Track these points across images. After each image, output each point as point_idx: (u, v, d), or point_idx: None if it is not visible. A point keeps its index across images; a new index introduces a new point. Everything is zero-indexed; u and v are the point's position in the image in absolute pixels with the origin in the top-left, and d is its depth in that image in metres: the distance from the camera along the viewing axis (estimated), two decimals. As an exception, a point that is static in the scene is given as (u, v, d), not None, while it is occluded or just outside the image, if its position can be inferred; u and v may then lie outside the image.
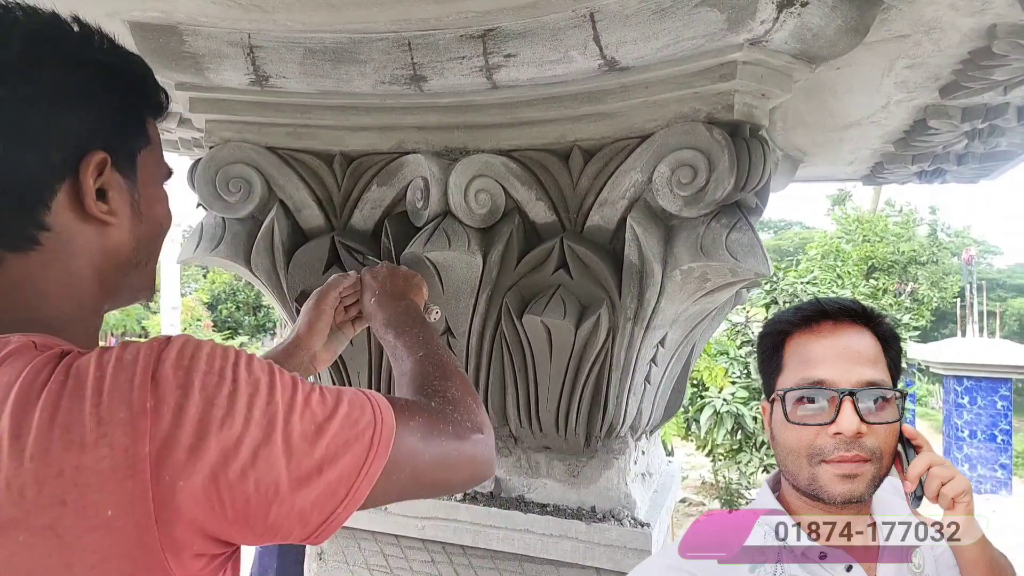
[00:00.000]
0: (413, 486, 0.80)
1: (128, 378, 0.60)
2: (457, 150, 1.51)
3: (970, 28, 1.26)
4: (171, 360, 0.62)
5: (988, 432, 10.73)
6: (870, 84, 1.57)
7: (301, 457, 0.66)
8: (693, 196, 1.30)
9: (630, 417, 1.59)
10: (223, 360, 0.65)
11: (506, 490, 1.68)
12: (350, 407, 0.72)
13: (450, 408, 0.90)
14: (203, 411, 0.61)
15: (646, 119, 1.35)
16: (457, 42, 1.33)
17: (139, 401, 0.60)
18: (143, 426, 0.59)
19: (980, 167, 2.16)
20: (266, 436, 0.64)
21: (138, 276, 0.83)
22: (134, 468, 0.58)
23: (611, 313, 1.43)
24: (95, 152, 0.72)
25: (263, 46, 1.40)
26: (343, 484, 0.69)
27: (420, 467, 0.80)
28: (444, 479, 0.86)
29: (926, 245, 18.65)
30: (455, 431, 0.86)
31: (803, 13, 1.12)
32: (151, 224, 0.82)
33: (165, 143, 2.40)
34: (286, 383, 0.69)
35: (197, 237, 1.64)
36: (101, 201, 0.74)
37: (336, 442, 0.69)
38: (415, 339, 1.12)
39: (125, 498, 0.58)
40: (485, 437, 0.92)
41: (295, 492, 0.65)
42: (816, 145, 2.18)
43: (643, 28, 1.19)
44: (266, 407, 0.65)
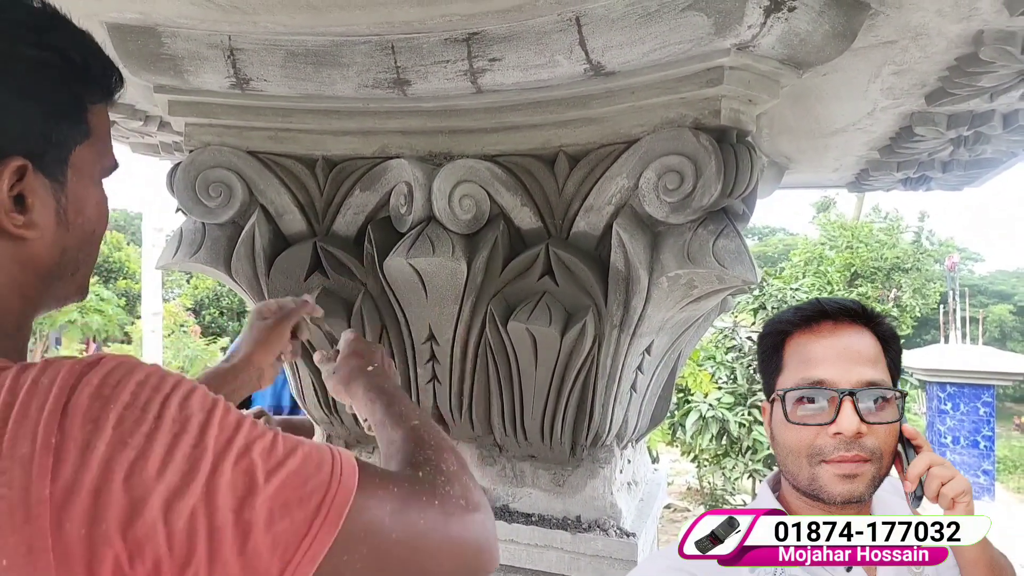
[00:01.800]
0: (373, 569, 0.64)
1: (39, 406, 0.54)
2: (441, 155, 1.49)
3: (957, 34, 1.25)
4: (91, 388, 0.55)
5: (971, 438, 10.80)
6: (856, 90, 1.57)
7: (225, 513, 0.56)
8: (680, 202, 1.28)
9: (616, 426, 1.58)
10: (153, 392, 0.57)
11: (490, 499, 1.65)
12: (303, 462, 0.61)
13: (442, 479, 0.74)
14: (112, 451, 0.53)
15: (632, 124, 1.33)
16: (441, 46, 1.31)
17: (44, 435, 0.53)
18: (45, 464, 0.52)
19: (965, 174, 2.17)
20: (183, 484, 0.55)
21: (64, 286, 0.75)
22: (31, 512, 0.51)
23: (597, 320, 1.41)
24: (11, 159, 0.64)
25: (244, 48, 1.38)
26: (277, 556, 0.57)
27: (385, 548, 0.65)
28: (420, 567, 0.68)
29: (910, 252, 18.82)
30: (442, 506, 0.70)
31: (790, 18, 1.11)
32: (79, 232, 0.73)
33: (146, 147, 2.37)
34: (227, 424, 0.59)
35: (176, 242, 1.61)
36: (17, 213, 0.65)
37: (274, 502, 0.58)
38: (405, 408, 0.98)
39: (22, 547, 0.51)
40: (483, 518, 0.75)
41: (214, 557, 0.55)
42: (802, 152, 2.18)
43: (629, 32, 1.17)
44: (191, 450, 0.56)
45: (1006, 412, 20.98)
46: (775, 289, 11.07)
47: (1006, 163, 2.04)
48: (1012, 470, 16.15)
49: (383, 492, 0.67)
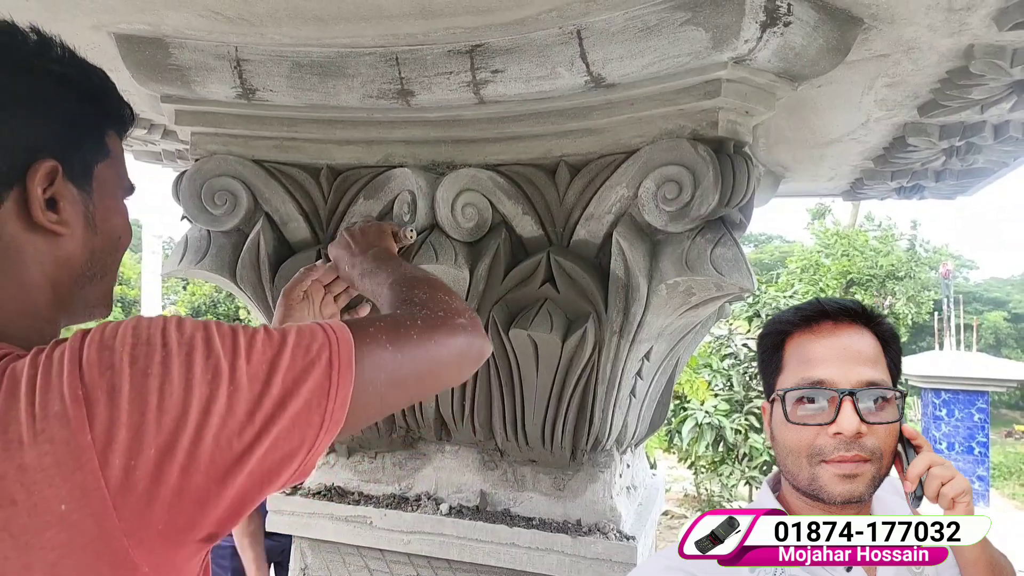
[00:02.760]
0: (399, 393, 0.79)
1: (58, 372, 0.59)
2: (444, 164, 1.51)
3: (948, 48, 1.28)
4: (95, 344, 0.61)
5: (966, 444, 10.84)
6: (851, 102, 1.60)
7: (258, 398, 0.64)
8: (678, 211, 1.31)
9: (616, 430, 1.60)
10: (150, 328, 0.63)
11: (492, 504, 1.68)
12: (298, 336, 0.70)
13: (417, 308, 0.89)
14: (139, 384, 0.60)
15: (632, 135, 1.36)
16: (445, 57, 1.34)
17: (71, 391, 0.58)
18: (80, 415, 0.57)
19: (957, 183, 2.20)
20: (213, 390, 0.62)
21: (93, 289, 0.80)
22: (80, 459, 0.57)
23: (597, 327, 1.44)
24: (44, 160, 0.70)
25: (250, 59, 1.40)
26: (315, 411, 0.67)
27: (398, 373, 0.77)
28: (435, 376, 0.85)
29: (904, 260, 18.89)
30: (424, 325, 0.84)
31: (786, 33, 1.14)
32: (106, 237, 0.80)
33: (148, 155, 2.40)
34: (224, 332, 0.67)
35: (182, 250, 1.63)
36: (51, 211, 0.72)
37: (292, 372, 0.67)
38: (386, 274, 1.10)
39: (76, 490, 0.57)
40: (466, 322, 0.90)
41: (262, 436, 0.63)
42: (797, 161, 2.21)
43: (629, 46, 1.20)
44: (206, 361, 0.63)
45: (1000, 418, 21.05)
46: (770, 297, 11.11)
47: (997, 172, 2.07)
48: (1007, 476, 16.19)
49: (374, 331, 0.78)
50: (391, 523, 1.67)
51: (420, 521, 1.65)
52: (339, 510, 1.72)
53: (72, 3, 1.27)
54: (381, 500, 1.73)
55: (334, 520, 1.72)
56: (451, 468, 1.74)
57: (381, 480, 1.78)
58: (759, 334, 1.17)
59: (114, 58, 1.45)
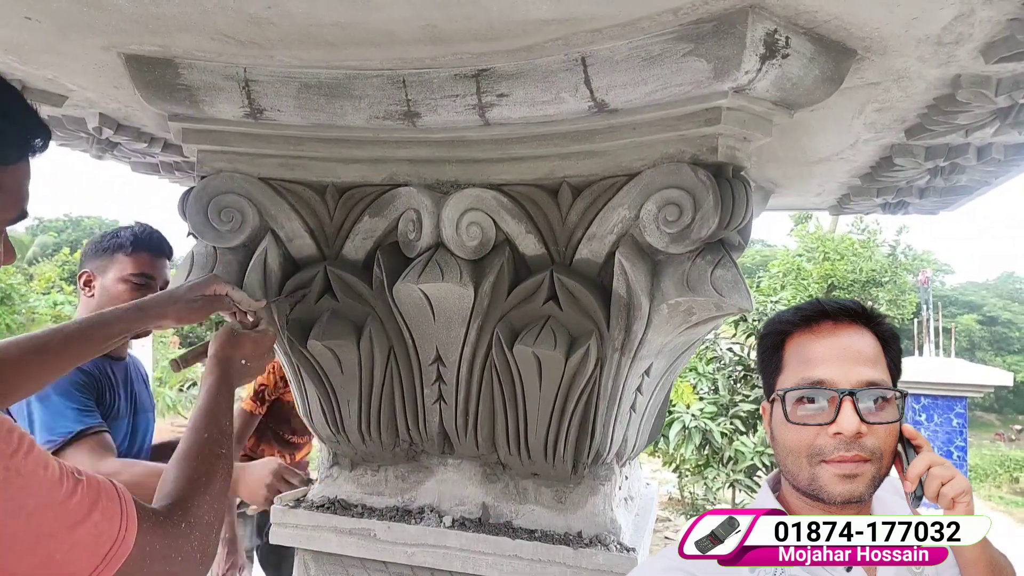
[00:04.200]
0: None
1: None
2: (449, 183, 1.54)
3: (936, 77, 1.34)
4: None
5: (945, 449, 10.97)
6: (841, 124, 1.65)
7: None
8: (679, 233, 1.35)
9: (616, 444, 1.63)
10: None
11: (494, 516, 1.70)
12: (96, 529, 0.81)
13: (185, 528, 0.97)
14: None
15: (634, 158, 1.40)
16: (451, 81, 1.37)
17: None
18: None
19: (941, 200, 2.27)
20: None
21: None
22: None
23: (600, 344, 1.47)
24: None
25: (259, 80, 1.43)
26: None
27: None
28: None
29: (886, 265, 19.11)
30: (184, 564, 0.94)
31: (784, 64, 1.19)
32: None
33: (146, 166, 2.40)
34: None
35: (188, 265, 1.64)
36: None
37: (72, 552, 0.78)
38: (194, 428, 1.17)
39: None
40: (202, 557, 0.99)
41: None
42: (787, 178, 2.26)
43: (633, 74, 1.24)
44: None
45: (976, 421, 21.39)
46: (756, 302, 11.20)
47: (979, 190, 2.13)
48: (983, 478, 16.46)
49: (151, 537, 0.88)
50: (394, 536, 1.69)
51: (423, 533, 1.67)
52: (343, 523, 1.74)
53: (85, 24, 1.28)
54: (384, 513, 1.75)
55: (338, 533, 1.74)
56: (454, 481, 1.76)
57: (384, 493, 1.80)
58: (759, 334, 1.18)
59: (123, 78, 1.47)
